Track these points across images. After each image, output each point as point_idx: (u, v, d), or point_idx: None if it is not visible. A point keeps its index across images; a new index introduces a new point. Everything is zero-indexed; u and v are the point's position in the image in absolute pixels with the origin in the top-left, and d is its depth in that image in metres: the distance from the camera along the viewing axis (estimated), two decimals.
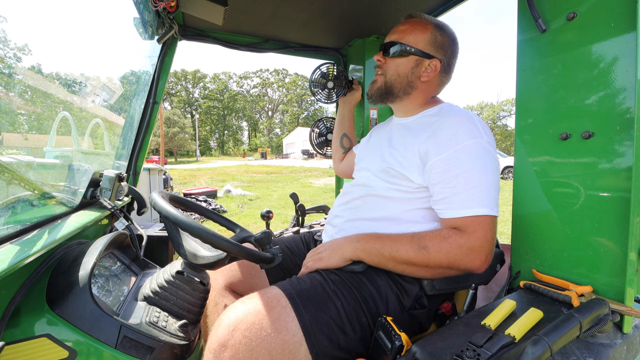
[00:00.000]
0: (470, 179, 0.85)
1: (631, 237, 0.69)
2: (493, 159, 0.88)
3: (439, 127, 0.93)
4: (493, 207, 0.84)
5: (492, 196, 0.85)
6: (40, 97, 1.42)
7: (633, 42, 0.68)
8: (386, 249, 0.89)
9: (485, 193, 0.84)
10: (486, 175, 0.85)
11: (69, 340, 0.73)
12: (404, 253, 0.86)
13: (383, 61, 1.08)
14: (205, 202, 7.52)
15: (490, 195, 0.84)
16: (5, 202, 0.92)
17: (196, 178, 14.26)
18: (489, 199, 0.84)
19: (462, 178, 0.85)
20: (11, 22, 1.13)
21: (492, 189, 0.85)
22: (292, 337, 0.77)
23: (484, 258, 0.84)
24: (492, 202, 0.84)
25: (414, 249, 0.86)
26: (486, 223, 0.84)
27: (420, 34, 1.04)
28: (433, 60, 1.03)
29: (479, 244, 0.83)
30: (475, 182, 0.84)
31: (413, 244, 0.87)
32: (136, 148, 1.67)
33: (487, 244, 0.83)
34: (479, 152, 0.86)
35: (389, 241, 0.90)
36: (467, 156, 0.86)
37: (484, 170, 0.85)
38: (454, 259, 0.83)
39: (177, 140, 44.73)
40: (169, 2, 1.21)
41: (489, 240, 0.83)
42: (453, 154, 0.87)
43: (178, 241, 0.91)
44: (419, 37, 1.04)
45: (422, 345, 0.63)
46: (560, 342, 0.56)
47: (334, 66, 1.72)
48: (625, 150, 0.70)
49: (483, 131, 0.89)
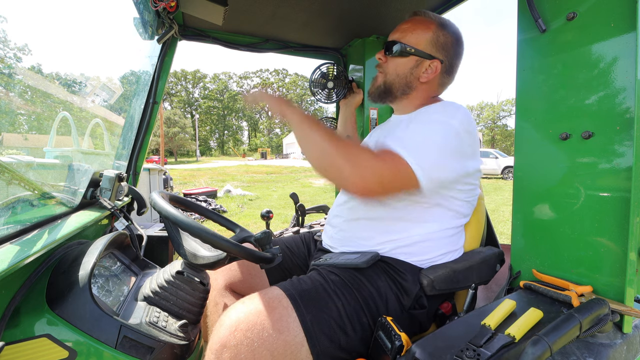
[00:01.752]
0: (417, 136, 0.86)
1: (631, 237, 0.69)
2: (451, 136, 0.86)
3: (425, 111, 0.96)
4: (415, 160, 0.80)
5: (423, 154, 0.81)
6: (40, 97, 1.42)
7: (633, 42, 0.68)
8: (311, 123, 0.85)
9: (416, 146, 0.82)
10: (433, 140, 0.84)
11: (69, 340, 0.73)
12: (320, 134, 0.82)
13: (384, 60, 1.07)
14: (205, 202, 7.52)
15: (420, 152, 0.81)
16: (5, 202, 0.92)
17: (196, 178, 14.26)
18: (418, 152, 0.81)
19: (413, 131, 0.88)
20: (11, 22, 1.13)
21: (430, 151, 0.83)
22: (293, 338, 0.77)
23: (373, 183, 0.79)
24: (419, 157, 0.80)
25: (329, 136, 0.81)
26: (397, 162, 0.80)
27: (422, 34, 1.02)
28: (434, 61, 1.02)
29: (378, 170, 0.79)
30: (420, 138, 0.85)
31: (331, 132, 0.83)
32: (136, 148, 1.67)
33: (380, 176, 0.79)
34: (443, 126, 0.87)
35: (318, 122, 0.86)
36: (428, 124, 0.89)
37: (434, 137, 0.85)
38: (349, 163, 0.78)
39: (177, 140, 44.74)
40: (169, 2, 1.21)
41: (386, 176, 0.80)
42: (420, 122, 0.91)
43: (178, 241, 0.91)
44: (420, 36, 1.02)
45: (422, 345, 0.63)
46: (560, 342, 0.56)
47: (334, 66, 1.72)
48: (625, 150, 0.70)
49: (460, 118, 0.88)
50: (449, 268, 0.93)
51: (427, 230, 0.95)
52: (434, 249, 0.96)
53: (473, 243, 1.07)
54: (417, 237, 0.95)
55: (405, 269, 0.93)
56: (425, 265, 0.95)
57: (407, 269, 0.93)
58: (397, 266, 0.93)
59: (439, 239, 0.97)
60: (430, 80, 1.04)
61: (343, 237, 1.05)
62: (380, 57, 1.08)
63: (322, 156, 0.81)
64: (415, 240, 0.95)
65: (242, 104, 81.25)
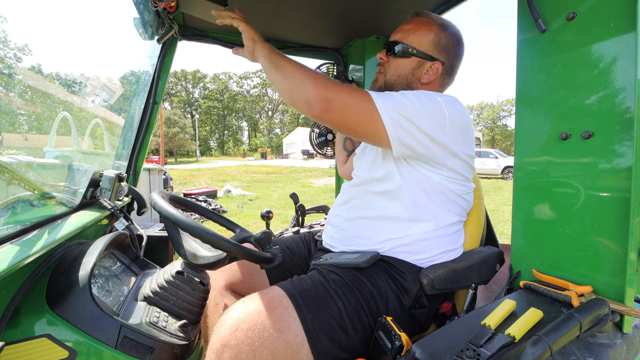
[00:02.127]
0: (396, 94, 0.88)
1: (631, 237, 0.69)
2: (431, 104, 0.87)
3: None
4: (383, 102, 0.83)
5: (393, 102, 0.84)
6: (40, 97, 1.42)
7: (633, 42, 0.68)
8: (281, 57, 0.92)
9: (390, 96, 0.86)
10: (409, 98, 0.86)
11: (69, 340, 0.73)
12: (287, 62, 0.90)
13: (385, 59, 1.07)
14: (205, 202, 7.52)
15: (391, 100, 0.85)
16: (5, 202, 0.92)
17: (196, 178, 14.26)
18: (388, 99, 0.85)
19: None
20: (11, 22, 1.13)
21: (402, 103, 0.85)
22: (294, 337, 0.77)
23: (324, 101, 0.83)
24: (388, 102, 0.84)
25: (296, 63, 0.90)
26: (364, 96, 0.85)
27: (424, 35, 1.02)
28: (435, 63, 1.02)
29: (336, 91, 0.84)
30: (398, 94, 0.88)
31: (298, 63, 0.91)
32: (136, 148, 1.67)
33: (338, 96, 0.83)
34: (426, 95, 0.88)
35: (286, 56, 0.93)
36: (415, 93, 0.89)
37: (410, 97, 0.86)
38: (307, 83, 0.84)
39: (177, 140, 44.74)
40: (169, 2, 1.21)
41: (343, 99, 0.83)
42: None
43: (178, 241, 0.91)
44: (422, 38, 1.02)
45: (422, 345, 0.63)
46: (560, 342, 0.56)
47: (333, 66, 1.73)
48: (625, 150, 0.70)
49: (449, 101, 0.90)
50: (449, 267, 0.93)
51: (426, 229, 0.95)
52: (433, 247, 0.96)
53: (473, 243, 1.07)
54: (417, 236, 0.95)
55: (405, 269, 0.93)
56: (425, 265, 0.95)
57: (407, 269, 0.93)
58: (397, 265, 0.93)
59: (438, 237, 0.97)
60: (431, 82, 1.05)
61: (343, 237, 1.05)
62: (382, 57, 1.08)
63: (291, 80, 0.87)
64: (414, 239, 0.95)
65: (242, 104, 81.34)
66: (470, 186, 1.02)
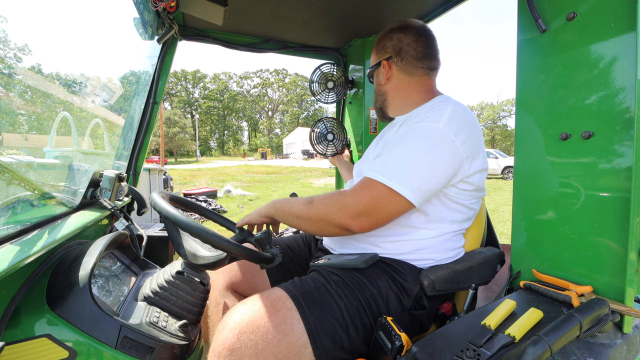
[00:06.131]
0: (399, 152, 0.86)
1: (631, 237, 0.69)
2: (439, 146, 0.84)
3: (417, 113, 0.97)
4: (399, 182, 0.81)
5: (407, 174, 0.82)
6: (40, 97, 1.42)
7: (633, 42, 0.68)
8: (287, 205, 0.97)
9: (399, 167, 0.83)
10: (417, 155, 0.84)
11: (69, 340, 0.73)
12: (297, 207, 0.93)
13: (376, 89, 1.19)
14: (205, 202, 7.51)
15: (405, 172, 0.82)
16: (5, 202, 0.92)
17: (196, 178, 14.26)
18: (399, 173, 0.82)
19: (396, 149, 0.87)
20: (12, 22, 1.13)
21: (414, 168, 0.83)
22: (297, 340, 0.76)
23: (354, 216, 0.83)
24: (401, 178, 0.82)
25: (303, 203, 0.92)
26: (376, 190, 0.82)
27: (373, 55, 1.15)
28: (382, 62, 1.09)
29: (356, 203, 0.83)
30: (400, 157, 0.85)
31: (305, 200, 0.93)
32: (136, 148, 1.67)
33: (362, 206, 0.83)
34: (430, 134, 0.85)
35: (292, 200, 0.98)
36: (415, 134, 0.88)
37: (419, 150, 0.84)
38: (329, 212, 0.86)
39: (177, 140, 44.73)
40: (169, 2, 1.21)
41: (366, 204, 0.82)
42: (409, 129, 0.90)
43: (178, 241, 0.91)
44: (372, 57, 1.16)
45: (422, 345, 0.63)
46: (560, 342, 0.56)
47: (334, 66, 1.73)
48: (625, 150, 0.70)
49: (448, 120, 0.86)
50: (450, 269, 0.93)
51: (427, 235, 0.95)
52: (434, 252, 0.96)
53: (473, 243, 1.07)
54: (418, 243, 0.95)
55: (405, 270, 0.92)
56: (425, 266, 0.95)
57: (407, 270, 0.92)
58: (397, 266, 0.93)
59: (439, 243, 0.96)
60: (392, 77, 1.08)
61: (342, 239, 1.05)
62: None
63: (310, 218, 0.90)
64: (415, 246, 0.95)
65: (242, 104, 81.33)
66: (480, 195, 1.00)
